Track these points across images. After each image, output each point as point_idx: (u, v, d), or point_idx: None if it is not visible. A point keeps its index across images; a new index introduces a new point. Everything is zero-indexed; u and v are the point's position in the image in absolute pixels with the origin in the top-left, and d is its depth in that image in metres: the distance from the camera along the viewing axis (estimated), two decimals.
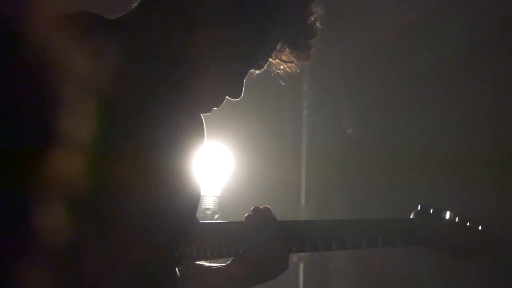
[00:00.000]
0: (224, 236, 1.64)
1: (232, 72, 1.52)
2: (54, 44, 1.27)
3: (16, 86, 1.24)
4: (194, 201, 1.52)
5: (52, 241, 1.22)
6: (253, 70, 1.57)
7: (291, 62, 1.58)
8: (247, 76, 1.56)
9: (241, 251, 1.63)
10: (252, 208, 1.67)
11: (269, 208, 1.67)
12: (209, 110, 1.55)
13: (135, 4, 1.51)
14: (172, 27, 1.45)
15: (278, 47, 1.56)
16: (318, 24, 1.56)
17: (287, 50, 1.56)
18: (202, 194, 4.27)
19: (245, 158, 4.26)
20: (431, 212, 1.77)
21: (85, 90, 1.28)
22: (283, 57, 1.57)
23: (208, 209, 4.00)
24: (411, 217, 1.77)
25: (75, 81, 1.28)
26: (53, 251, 1.23)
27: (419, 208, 1.78)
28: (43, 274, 1.22)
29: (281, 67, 1.59)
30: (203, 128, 1.61)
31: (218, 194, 4.08)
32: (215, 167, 4.12)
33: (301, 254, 4.12)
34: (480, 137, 3.99)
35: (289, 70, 1.61)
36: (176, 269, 1.51)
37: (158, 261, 1.41)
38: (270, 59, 1.57)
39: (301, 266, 4.28)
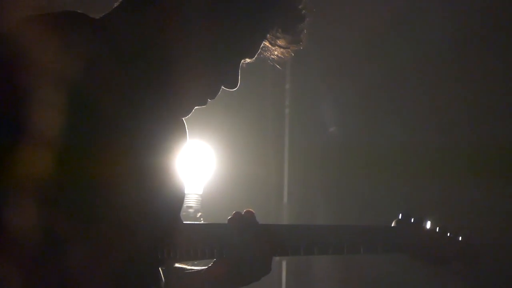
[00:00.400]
0: (207, 237, 1.64)
1: (226, 61, 1.51)
2: (30, 42, 1.26)
3: None
4: (178, 201, 1.51)
5: (30, 239, 1.22)
6: (246, 59, 1.56)
7: (285, 47, 1.58)
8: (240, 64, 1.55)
9: (223, 254, 1.63)
10: (234, 212, 1.67)
11: (252, 212, 1.68)
12: (205, 102, 1.54)
13: (117, 3, 1.49)
14: (162, 21, 1.44)
15: (271, 34, 1.55)
16: (305, 9, 1.56)
17: (280, 35, 1.55)
18: (185, 192, 4.26)
19: (227, 157, 4.26)
20: (412, 221, 1.79)
21: (61, 88, 1.27)
22: (278, 43, 1.57)
23: (190, 207, 4.00)
24: (393, 225, 1.79)
25: (50, 78, 1.27)
26: (31, 249, 1.22)
27: (400, 217, 1.80)
28: (20, 273, 1.21)
29: (276, 53, 1.59)
30: (185, 128, 1.60)
31: (201, 192, 4.08)
32: (198, 166, 4.11)
33: None
34: (464, 135, 4.01)
35: (283, 56, 1.60)
36: (160, 269, 1.51)
37: (141, 260, 1.40)
38: (267, 44, 1.56)
39: (284, 263, 4.28)
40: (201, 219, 3.97)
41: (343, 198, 4.30)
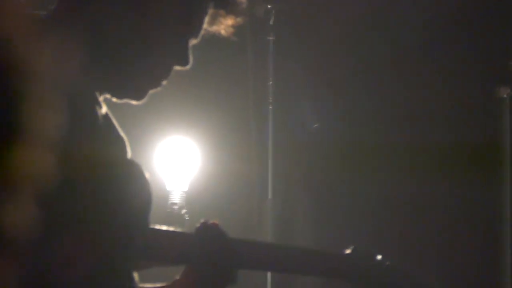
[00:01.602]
0: (172, 245, 1.66)
1: (174, 39, 1.51)
2: (12, 41, 1.27)
3: None
4: (146, 202, 1.51)
5: (16, 236, 1.22)
6: (192, 39, 1.56)
7: (228, 22, 1.59)
8: (190, 42, 1.55)
9: (187, 264, 1.65)
10: (201, 221, 1.69)
11: (217, 224, 1.69)
12: (158, 84, 1.53)
13: (55, 5, 1.51)
14: (108, 5, 1.46)
15: (209, 11, 1.56)
16: None
17: (218, 8, 1.56)
18: (169, 189, 4.26)
19: (211, 153, 4.28)
20: (363, 253, 1.86)
21: (48, 87, 1.28)
22: (219, 19, 1.58)
23: (175, 204, 4.01)
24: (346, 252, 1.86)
25: (34, 78, 1.28)
26: (15, 246, 1.23)
27: (352, 248, 1.85)
28: (3, 270, 1.22)
29: (222, 27, 1.60)
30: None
31: (186, 189, 4.09)
32: (182, 162, 4.13)
33: None
34: (446, 129, 4.04)
35: (227, 31, 1.61)
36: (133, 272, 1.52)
37: (117, 259, 1.41)
38: (207, 23, 1.57)
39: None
40: (186, 216, 3.98)
41: (326, 193, 4.32)
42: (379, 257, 1.85)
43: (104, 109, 1.49)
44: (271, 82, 4.48)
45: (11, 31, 1.27)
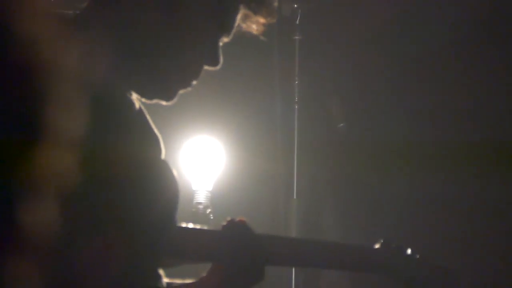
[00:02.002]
0: (200, 243, 1.66)
1: (205, 39, 1.51)
2: (43, 41, 1.27)
3: (3, 81, 1.24)
4: (171, 199, 1.51)
5: (41, 237, 1.22)
6: (222, 39, 1.56)
7: (259, 22, 1.58)
8: (220, 41, 1.55)
9: (215, 261, 1.64)
10: (227, 219, 1.68)
11: (244, 221, 1.69)
12: (189, 84, 1.54)
13: (86, 3, 1.51)
14: (140, 5, 1.46)
15: (243, 8, 1.56)
16: None
17: (251, 8, 1.56)
18: (194, 188, 4.25)
19: (237, 153, 4.27)
20: (393, 247, 1.85)
21: (74, 87, 1.28)
22: (251, 19, 1.57)
23: (200, 203, 4.01)
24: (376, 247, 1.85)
25: (65, 78, 1.28)
26: (41, 247, 1.23)
27: (382, 241, 1.84)
28: (30, 271, 1.22)
29: (253, 26, 1.59)
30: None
31: (210, 189, 4.08)
32: (207, 162, 4.12)
33: None
34: (473, 132, 4.01)
35: (257, 30, 1.60)
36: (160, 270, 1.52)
37: (143, 258, 1.41)
38: (240, 21, 1.57)
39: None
40: (211, 215, 3.98)
41: (352, 193, 4.30)
42: (409, 251, 1.84)
43: (137, 107, 1.49)
44: (297, 82, 4.47)
45: (39, 31, 1.27)
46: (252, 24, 1.58)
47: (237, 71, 3.95)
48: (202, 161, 4.11)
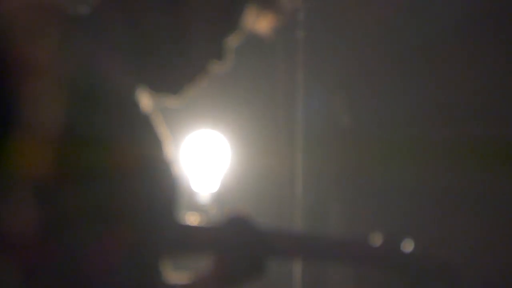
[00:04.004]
0: (201, 238, 1.65)
1: (212, 34, 1.51)
2: (20, 35, 1.27)
3: None
4: (173, 195, 1.50)
5: (28, 236, 1.22)
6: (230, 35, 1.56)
7: (266, 19, 1.58)
8: (227, 38, 1.55)
9: (216, 256, 1.64)
10: (230, 213, 1.68)
11: (247, 214, 1.68)
12: (195, 78, 1.52)
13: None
14: (149, 8, 1.46)
15: (252, 11, 1.56)
16: None
17: (260, 6, 1.56)
18: (197, 183, 4.24)
19: (240, 148, 4.26)
20: (395, 241, 1.84)
21: (53, 82, 1.28)
22: (260, 16, 1.57)
23: (203, 199, 4.01)
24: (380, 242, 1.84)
25: (44, 73, 1.27)
26: (30, 246, 1.23)
27: (385, 236, 1.83)
28: (19, 272, 1.21)
29: (260, 25, 1.59)
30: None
31: (214, 183, 4.08)
32: (211, 157, 4.12)
33: None
34: (480, 124, 4.00)
35: (265, 30, 1.60)
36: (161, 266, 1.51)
37: (144, 254, 1.40)
38: (249, 19, 1.56)
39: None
40: (215, 210, 3.98)
41: (357, 187, 4.30)
42: (411, 245, 1.83)
43: (146, 104, 1.49)
44: (301, 78, 4.46)
45: (26, 26, 1.27)
46: (262, 23, 1.58)
47: (242, 66, 3.94)
48: (206, 156, 4.10)
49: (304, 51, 4.33)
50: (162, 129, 1.51)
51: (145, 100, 1.48)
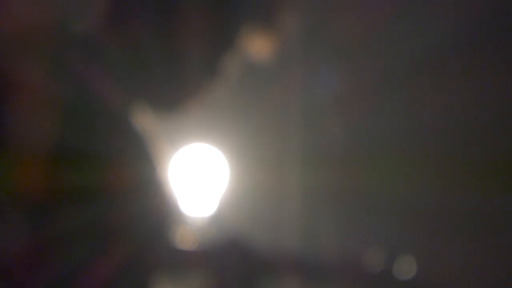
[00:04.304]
0: (196, 258, 1.65)
1: (213, 56, 1.52)
2: (14, 53, 1.27)
3: None
4: (164, 217, 1.49)
5: (16, 255, 1.21)
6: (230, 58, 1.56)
7: (264, 39, 1.58)
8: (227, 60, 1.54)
9: (209, 277, 1.63)
10: (225, 235, 1.67)
11: (243, 237, 1.68)
12: (196, 98, 1.55)
13: (102, 13, 1.50)
14: (145, 27, 1.45)
15: (248, 29, 1.55)
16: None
17: (260, 29, 1.56)
18: (192, 202, 4.23)
19: (237, 169, 4.25)
20: (389, 257, 1.85)
21: (47, 101, 1.27)
22: (257, 36, 1.57)
23: (198, 217, 3.99)
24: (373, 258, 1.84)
25: (37, 92, 1.27)
26: (21, 261, 1.22)
27: (377, 252, 1.84)
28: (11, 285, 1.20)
29: (258, 44, 1.59)
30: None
31: (210, 201, 4.06)
32: (208, 176, 4.10)
33: None
34: (471, 139, 4.00)
35: (264, 47, 1.60)
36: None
37: (133, 274, 1.39)
38: (248, 37, 1.56)
39: None
40: (211, 228, 3.96)
41: (354, 208, 4.29)
42: (406, 264, 1.83)
43: (142, 122, 1.49)
44: (298, 93, 4.46)
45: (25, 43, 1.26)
46: (260, 44, 1.58)
47: (237, 82, 3.92)
48: (200, 172, 4.09)
49: (301, 66, 4.32)
50: (157, 148, 1.50)
51: (141, 117, 1.48)
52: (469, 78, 3.98)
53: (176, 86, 1.48)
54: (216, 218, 4.03)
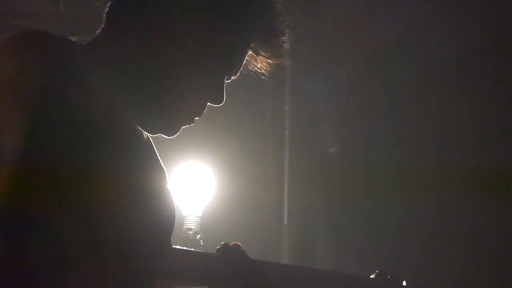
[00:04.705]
0: (194, 266, 1.63)
1: (211, 78, 1.51)
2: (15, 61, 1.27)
3: None
4: (169, 223, 1.49)
5: (21, 266, 1.20)
6: (230, 77, 1.56)
7: (267, 62, 1.59)
8: (226, 81, 1.55)
9: (209, 285, 1.63)
10: (222, 243, 1.66)
11: (239, 245, 1.67)
12: (192, 121, 1.53)
13: (102, 27, 1.50)
14: (148, 41, 1.45)
15: (252, 49, 1.56)
16: (286, 23, 1.58)
17: (261, 49, 1.56)
18: (184, 214, 4.23)
19: (227, 178, 4.25)
20: (388, 277, 1.83)
21: (46, 108, 1.27)
22: (259, 56, 1.58)
23: (190, 229, 3.98)
24: (372, 277, 1.83)
25: (35, 98, 1.26)
26: (34, 269, 1.21)
27: (377, 272, 1.82)
28: None
29: (259, 65, 1.59)
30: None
31: (200, 214, 4.06)
32: (197, 187, 4.10)
33: None
34: (468, 157, 4.00)
35: (264, 70, 1.61)
36: None
37: (135, 284, 1.38)
38: (249, 58, 1.57)
39: None
40: (201, 241, 3.95)
41: (343, 219, 4.28)
42: (404, 282, 1.82)
43: (144, 138, 1.49)
44: (287, 107, 4.47)
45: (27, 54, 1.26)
46: (260, 64, 1.59)
47: (228, 96, 3.93)
48: (192, 186, 4.08)
49: (290, 80, 4.34)
50: (158, 157, 1.51)
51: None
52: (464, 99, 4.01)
53: (178, 111, 1.47)
54: (207, 228, 4.02)
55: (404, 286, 1.82)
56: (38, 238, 1.20)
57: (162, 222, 1.44)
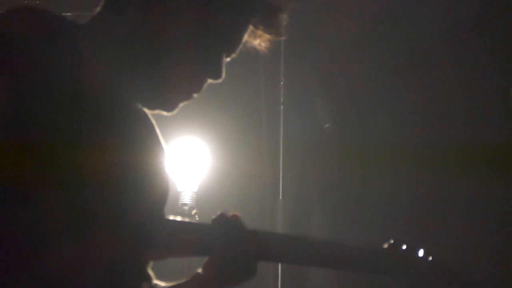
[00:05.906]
0: (191, 236, 1.62)
1: (210, 53, 1.51)
2: (19, 36, 1.27)
3: None
4: (163, 196, 1.50)
5: (18, 239, 1.21)
6: (229, 55, 1.56)
7: (266, 38, 1.59)
8: (224, 57, 1.55)
9: (206, 255, 1.62)
10: (219, 213, 1.65)
11: (238, 215, 1.66)
12: (191, 97, 1.54)
13: (99, 8, 1.50)
14: (146, 20, 1.45)
15: (253, 26, 1.56)
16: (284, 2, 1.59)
17: (260, 27, 1.57)
18: (179, 189, 4.23)
19: (222, 153, 4.26)
20: (404, 247, 1.77)
21: (49, 86, 1.27)
22: (259, 34, 1.58)
23: (185, 204, 3.99)
24: (384, 247, 1.77)
25: (39, 76, 1.27)
26: (19, 249, 1.22)
27: (392, 242, 1.77)
28: (6, 274, 1.20)
29: (256, 42, 1.60)
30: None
31: (195, 190, 4.07)
32: (192, 162, 4.11)
33: None
34: (460, 133, 4.01)
35: (263, 47, 1.61)
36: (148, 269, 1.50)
37: (130, 257, 1.39)
38: (247, 36, 1.57)
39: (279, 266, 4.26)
40: (196, 216, 3.97)
41: (338, 194, 4.29)
42: (421, 252, 1.76)
43: (142, 115, 1.50)
44: (282, 82, 4.47)
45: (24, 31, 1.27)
46: (259, 40, 1.59)
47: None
48: (187, 162, 4.09)
49: (285, 56, 4.33)
50: (157, 134, 1.51)
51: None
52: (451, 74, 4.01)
53: (177, 87, 1.48)
54: (202, 203, 4.03)
55: (420, 257, 1.76)
56: (26, 211, 1.21)
57: (155, 196, 1.45)
